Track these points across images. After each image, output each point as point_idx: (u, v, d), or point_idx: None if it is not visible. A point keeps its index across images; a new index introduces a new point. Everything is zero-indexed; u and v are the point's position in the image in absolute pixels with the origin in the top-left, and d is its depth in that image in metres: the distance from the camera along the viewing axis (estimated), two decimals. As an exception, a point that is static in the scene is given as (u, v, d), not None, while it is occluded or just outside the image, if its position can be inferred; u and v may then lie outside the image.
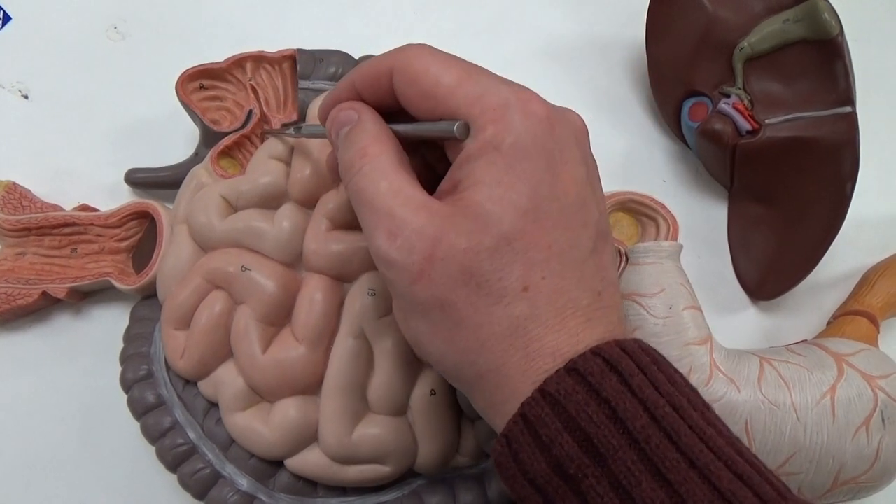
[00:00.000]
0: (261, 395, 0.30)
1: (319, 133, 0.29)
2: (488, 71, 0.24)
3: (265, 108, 0.36)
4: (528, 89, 0.23)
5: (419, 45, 0.24)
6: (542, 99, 0.23)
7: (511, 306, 0.21)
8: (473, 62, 0.24)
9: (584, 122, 0.25)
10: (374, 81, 0.24)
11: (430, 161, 0.27)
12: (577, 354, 0.21)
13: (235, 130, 0.35)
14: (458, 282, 0.21)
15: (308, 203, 0.32)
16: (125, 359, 0.33)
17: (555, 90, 0.39)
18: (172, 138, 0.39)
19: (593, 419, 0.20)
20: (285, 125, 0.35)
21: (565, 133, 0.23)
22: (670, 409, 0.20)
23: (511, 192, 0.22)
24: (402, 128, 0.24)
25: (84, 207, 0.36)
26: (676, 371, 0.23)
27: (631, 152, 0.42)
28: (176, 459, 0.31)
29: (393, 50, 0.24)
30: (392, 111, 0.25)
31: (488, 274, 0.21)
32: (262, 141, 0.35)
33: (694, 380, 0.31)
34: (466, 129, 0.22)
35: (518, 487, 0.22)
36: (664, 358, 0.23)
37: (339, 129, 0.25)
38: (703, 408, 0.22)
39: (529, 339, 0.22)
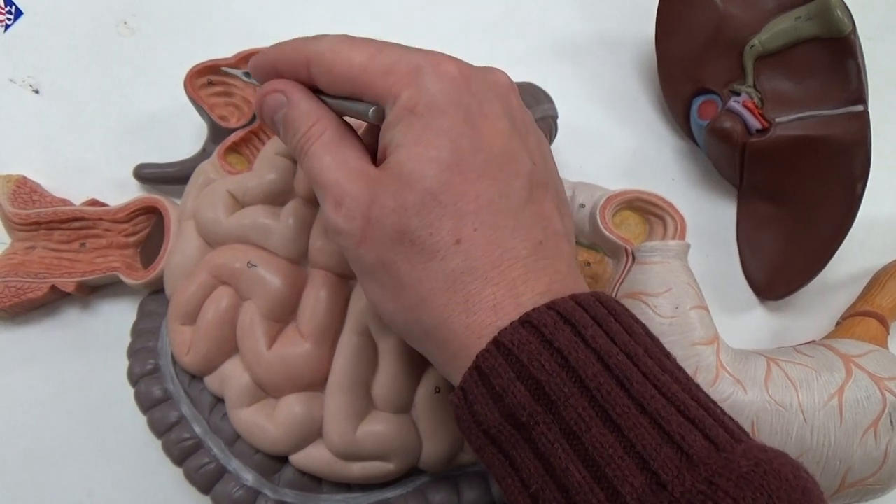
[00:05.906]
0: (266, 390, 0.31)
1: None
2: (401, 45, 0.24)
3: (273, 105, 0.36)
4: (441, 53, 0.24)
5: (334, 35, 0.24)
6: (458, 60, 0.24)
7: (446, 261, 0.22)
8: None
9: (507, 78, 0.25)
10: (293, 70, 0.25)
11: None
12: (522, 307, 0.21)
13: (243, 127, 0.35)
14: (394, 241, 0.22)
15: (314, 200, 0.32)
16: (132, 353, 0.33)
17: (564, 87, 0.39)
18: (181, 134, 0.39)
19: (545, 367, 0.20)
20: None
21: (482, 88, 0.23)
22: (624, 357, 0.20)
23: (430, 148, 0.22)
24: (330, 101, 0.25)
25: (93, 202, 0.36)
26: (637, 322, 0.23)
27: (639, 150, 0.42)
28: (182, 453, 0.31)
29: (308, 40, 0.24)
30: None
31: (419, 230, 0.22)
32: (270, 138, 0.35)
33: (700, 380, 0.31)
34: (381, 113, 0.23)
35: (474, 439, 0.22)
36: (625, 309, 0.23)
37: (273, 115, 0.25)
38: (661, 356, 0.22)
39: (468, 292, 0.22)
